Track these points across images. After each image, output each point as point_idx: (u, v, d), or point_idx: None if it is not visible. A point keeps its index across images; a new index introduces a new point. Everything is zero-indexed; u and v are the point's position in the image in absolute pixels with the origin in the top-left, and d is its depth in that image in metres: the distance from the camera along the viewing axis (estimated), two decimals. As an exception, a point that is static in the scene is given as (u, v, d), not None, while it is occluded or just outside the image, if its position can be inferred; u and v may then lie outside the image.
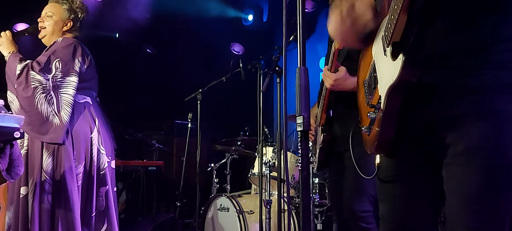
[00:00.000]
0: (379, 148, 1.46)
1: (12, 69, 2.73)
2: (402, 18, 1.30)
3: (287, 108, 1.86)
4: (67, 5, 2.94)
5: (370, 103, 1.51)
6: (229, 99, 6.20)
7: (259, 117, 3.44)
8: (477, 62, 1.30)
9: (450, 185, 1.35)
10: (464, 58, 1.31)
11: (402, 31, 1.32)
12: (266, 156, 4.13)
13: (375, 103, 1.45)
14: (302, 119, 1.41)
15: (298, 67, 1.43)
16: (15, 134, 2.17)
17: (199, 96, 4.68)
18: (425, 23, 1.34)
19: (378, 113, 1.43)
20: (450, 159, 1.33)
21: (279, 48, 3.54)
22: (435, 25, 1.34)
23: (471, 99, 1.30)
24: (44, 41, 2.96)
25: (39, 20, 2.93)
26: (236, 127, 5.39)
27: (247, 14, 6.63)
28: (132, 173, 4.84)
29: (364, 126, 1.54)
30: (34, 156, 2.73)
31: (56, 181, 2.71)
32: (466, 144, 1.29)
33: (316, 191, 4.15)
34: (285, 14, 1.54)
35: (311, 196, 4.03)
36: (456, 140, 1.31)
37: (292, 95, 1.43)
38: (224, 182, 4.78)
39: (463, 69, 1.31)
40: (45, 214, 2.67)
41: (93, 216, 2.82)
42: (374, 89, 1.48)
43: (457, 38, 1.32)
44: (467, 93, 1.31)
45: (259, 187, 3.64)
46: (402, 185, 1.49)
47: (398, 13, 1.28)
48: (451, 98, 1.32)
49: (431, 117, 1.36)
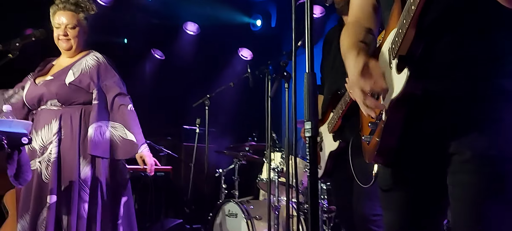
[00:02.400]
0: (378, 157, 1.47)
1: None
2: (410, 33, 1.30)
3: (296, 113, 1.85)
4: (85, 13, 2.95)
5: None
6: (237, 104, 6.20)
7: (267, 122, 3.43)
8: (484, 72, 1.31)
9: (457, 192, 1.34)
10: (471, 68, 1.31)
11: (409, 45, 1.32)
12: (275, 162, 4.12)
13: (377, 113, 1.45)
14: (310, 124, 1.40)
15: (306, 73, 1.42)
16: (23, 139, 2.18)
17: (207, 101, 4.68)
18: (434, 38, 1.33)
19: (380, 124, 1.43)
20: (456, 167, 1.33)
21: (287, 53, 3.54)
22: (444, 38, 1.34)
23: (477, 107, 1.30)
24: (69, 52, 2.95)
25: (61, 31, 2.90)
26: (244, 132, 5.38)
27: (255, 19, 6.64)
28: (140, 178, 4.84)
29: (364, 135, 1.54)
30: (69, 164, 2.72)
31: (94, 189, 2.73)
32: (473, 152, 1.29)
33: (324, 196, 4.13)
34: (293, 19, 1.53)
35: (320, 202, 4.01)
36: (462, 148, 1.31)
37: (300, 101, 1.42)
38: (232, 187, 4.76)
39: (470, 79, 1.31)
40: (82, 223, 2.66)
41: (119, 224, 2.84)
42: (376, 99, 1.48)
43: (465, 50, 1.32)
44: (473, 102, 1.31)
45: (268, 193, 3.62)
46: (403, 194, 1.48)
47: (407, 28, 1.28)
48: (457, 107, 1.32)
49: (436, 125, 1.36)
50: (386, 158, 1.46)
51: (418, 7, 1.24)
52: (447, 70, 1.32)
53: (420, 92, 1.31)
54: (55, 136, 2.72)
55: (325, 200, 4.11)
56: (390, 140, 1.40)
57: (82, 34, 2.93)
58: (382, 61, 1.46)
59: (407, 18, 1.28)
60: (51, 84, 2.83)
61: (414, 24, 1.28)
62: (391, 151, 1.43)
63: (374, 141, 1.47)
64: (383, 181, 1.54)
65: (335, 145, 2.64)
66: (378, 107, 1.40)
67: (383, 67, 1.45)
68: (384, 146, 1.42)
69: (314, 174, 1.41)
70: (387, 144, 1.41)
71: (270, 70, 3.60)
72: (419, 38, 1.31)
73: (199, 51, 6.61)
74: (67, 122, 2.76)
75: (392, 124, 1.38)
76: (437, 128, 1.36)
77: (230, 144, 5.41)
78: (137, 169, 4.86)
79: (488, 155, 1.28)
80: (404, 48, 1.32)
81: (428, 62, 1.32)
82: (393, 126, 1.38)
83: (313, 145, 1.41)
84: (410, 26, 1.28)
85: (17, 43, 2.82)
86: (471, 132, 1.30)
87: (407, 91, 1.29)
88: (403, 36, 1.30)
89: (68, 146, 2.73)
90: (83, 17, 2.93)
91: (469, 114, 1.31)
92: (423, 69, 1.30)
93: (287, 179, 3.19)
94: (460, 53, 1.32)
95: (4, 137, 2.12)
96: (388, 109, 1.36)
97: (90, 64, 2.90)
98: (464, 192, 1.32)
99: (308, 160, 1.41)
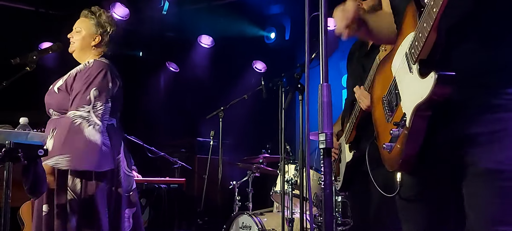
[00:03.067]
0: (403, 165, 1.45)
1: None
2: (432, 37, 1.29)
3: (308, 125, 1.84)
4: (95, 20, 2.96)
5: (391, 120, 1.49)
6: (251, 117, 6.20)
7: (281, 134, 3.42)
8: (500, 81, 1.30)
9: (471, 203, 1.34)
10: (487, 77, 1.31)
11: (430, 49, 1.30)
12: (288, 174, 4.10)
13: (398, 120, 1.43)
14: (324, 136, 1.39)
15: (320, 84, 1.41)
16: (39, 151, 2.19)
17: (221, 114, 4.69)
18: (452, 42, 1.32)
19: (403, 130, 1.41)
20: (471, 178, 1.33)
21: (301, 65, 3.54)
22: (463, 44, 1.33)
23: (492, 118, 1.29)
24: (74, 56, 2.98)
25: (69, 35, 2.96)
26: (258, 144, 5.38)
27: (269, 32, 6.65)
28: (154, 190, 4.85)
29: (384, 143, 1.52)
30: (60, 174, 2.73)
31: (85, 201, 2.70)
32: (486, 164, 1.29)
33: (339, 209, 4.09)
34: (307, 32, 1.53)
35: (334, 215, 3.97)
36: (476, 160, 1.31)
37: (314, 113, 1.41)
38: (246, 200, 4.75)
39: (486, 88, 1.31)
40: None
41: None
42: (396, 106, 1.46)
43: (484, 58, 1.31)
44: (488, 112, 1.30)
45: (281, 205, 3.60)
46: (426, 204, 1.47)
47: (428, 32, 1.27)
48: (473, 116, 1.31)
49: (454, 134, 1.35)
50: (411, 165, 1.45)
51: (440, 9, 1.22)
52: (465, 78, 1.31)
53: (446, 98, 1.29)
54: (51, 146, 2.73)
55: (340, 213, 4.07)
56: (414, 146, 1.39)
57: (87, 38, 2.93)
58: (399, 66, 1.45)
59: (429, 21, 1.26)
60: (49, 92, 2.87)
61: (436, 28, 1.27)
62: (415, 158, 1.42)
63: (396, 149, 1.45)
64: (406, 191, 1.52)
65: (350, 155, 2.62)
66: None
67: (401, 72, 1.43)
68: (409, 153, 1.40)
69: (329, 186, 1.40)
70: (412, 151, 1.40)
71: (284, 82, 3.60)
72: (440, 43, 1.29)
73: (213, 63, 6.65)
74: (59, 131, 2.77)
75: (417, 130, 1.36)
76: (453, 137, 1.34)
77: (244, 156, 5.41)
78: (150, 181, 4.89)
79: (501, 169, 1.27)
80: (425, 52, 1.31)
81: (447, 69, 1.31)
82: (417, 132, 1.36)
83: (327, 157, 1.40)
84: (432, 30, 1.26)
85: (34, 56, 2.87)
86: (485, 143, 1.29)
87: (434, 95, 1.27)
88: (425, 40, 1.28)
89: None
90: (92, 24, 2.95)
91: (484, 125, 1.30)
92: (449, 77, 1.29)
93: (301, 191, 3.17)
94: (480, 60, 1.31)
95: (20, 149, 2.14)
96: (413, 114, 1.34)
97: (79, 68, 2.88)
98: (477, 204, 1.31)
99: (322, 172, 1.40)
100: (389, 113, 1.52)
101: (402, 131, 1.41)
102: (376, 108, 1.63)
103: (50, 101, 2.83)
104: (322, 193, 1.41)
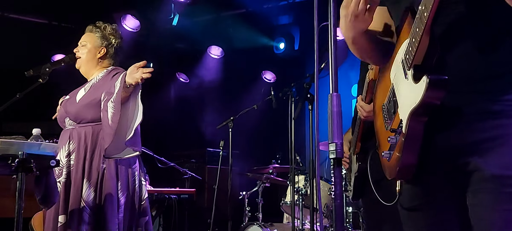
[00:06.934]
0: (401, 173, 1.43)
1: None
2: (424, 41, 1.28)
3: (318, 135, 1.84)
4: (100, 33, 3.02)
5: (390, 128, 1.48)
6: (260, 127, 6.20)
7: (291, 144, 3.42)
8: (500, 87, 1.29)
9: (477, 211, 1.32)
10: (487, 83, 1.30)
11: (424, 54, 1.30)
12: (298, 184, 4.09)
13: (396, 127, 1.42)
14: (334, 146, 1.39)
15: (330, 94, 1.42)
16: (51, 162, 2.22)
17: (231, 124, 4.70)
18: (448, 47, 1.32)
19: (400, 137, 1.40)
20: (476, 186, 1.31)
21: (311, 75, 3.54)
22: (458, 49, 1.32)
23: (494, 124, 1.28)
24: (81, 71, 3.03)
25: (75, 50, 3.02)
26: (267, 154, 5.37)
27: (278, 42, 6.67)
28: (165, 200, 4.86)
29: (383, 151, 1.51)
30: (75, 185, 2.75)
31: (96, 211, 2.73)
32: (493, 171, 1.27)
33: (349, 220, 4.07)
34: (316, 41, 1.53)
35: (345, 226, 3.95)
36: (481, 167, 1.28)
37: (324, 123, 1.41)
38: (256, 210, 4.74)
39: (485, 93, 1.29)
40: None
41: None
42: (394, 114, 1.46)
43: (480, 63, 1.30)
44: (489, 118, 1.28)
45: (292, 216, 3.59)
46: (428, 214, 1.44)
47: (421, 36, 1.27)
48: (473, 123, 1.30)
49: (453, 141, 1.33)
50: (409, 173, 1.43)
51: (431, 12, 1.22)
52: (462, 84, 1.31)
53: (440, 101, 1.28)
54: (66, 157, 2.76)
55: (350, 223, 4.05)
56: (412, 153, 1.37)
57: (92, 51, 2.97)
58: (396, 73, 1.45)
59: (420, 25, 1.26)
60: (66, 103, 2.90)
61: (428, 31, 1.27)
62: (413, 165, 1.40)
63: (395, 156, 1.43)
64: (407, 199, 1.50)
65: (356, 167, 2.62)
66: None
67: (397, 79, 1.43)
68: (407, 160, 1.39)
69: (339, 197, 1.39)
70: (410, 158, 1.38)
71: (293, 92, 3.61)
72: (434, 47, 1.29)
73: (223, 74, 6.68)
74: (76, 141, 2.79)
75: (413, 135, 1.34)
76: (455, 144, 1.33)
77: (254, 166, 5.41)
78: (161, 191, 4.90)
79: (509, 173, 1.25)
80: (418, 57, 1.30)
81: (442, 74, 1.30)
82: (414, 138, 1.35)
83: (338, 167, 1.40)
84: (423, 34, 1.26)
85: (47, 68, 2.91)
86: (488, 150, 1.28)
87: (426, 100, 1.26)
88: (418, 45, 1.28)
89: (76, 167, 2.77)
90: (97, 37, 3.00)
91: (486, 131, 1.28)
92: (441, 80, 1.27)
93: (311, 202, 3.16)
94: (477, 65, 1.30)
95: (32, 160, 2.17)
96: (408, 119, 1.33)
97: (99, 76, 2.95)
98: (484, 212, 1.29)
99: (332, 182, 1.40)
100: (388, 122, 1.52)
101: (399, 137, 1.40)
102: (378, 118, 1.63)
103: (70, 109, 2.86)
104: (332, 203, 1.41)
